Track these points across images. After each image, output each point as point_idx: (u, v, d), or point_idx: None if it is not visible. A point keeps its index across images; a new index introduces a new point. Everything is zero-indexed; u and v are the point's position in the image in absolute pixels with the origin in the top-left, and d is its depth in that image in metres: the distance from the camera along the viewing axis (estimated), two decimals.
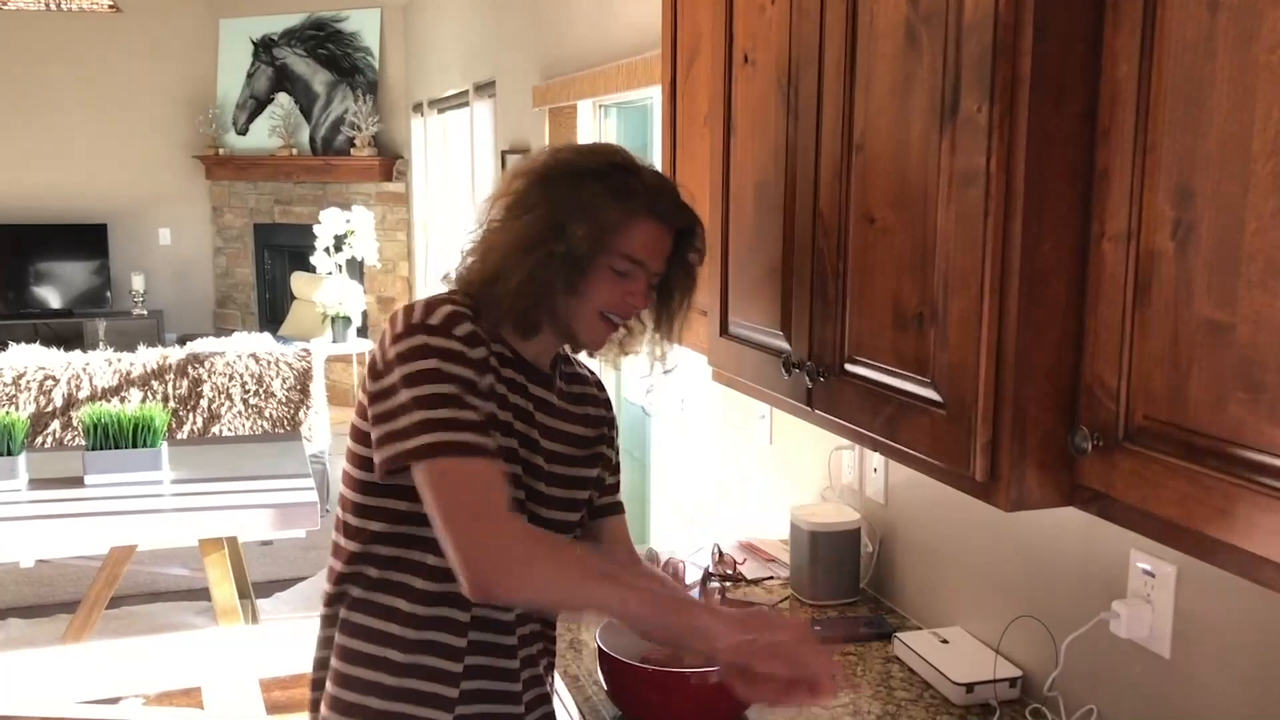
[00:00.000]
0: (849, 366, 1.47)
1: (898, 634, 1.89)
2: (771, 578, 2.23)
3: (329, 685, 1.47)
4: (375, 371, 1.40)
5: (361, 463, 1.43)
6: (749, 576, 2.22)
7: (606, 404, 1.63)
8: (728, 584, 2.17)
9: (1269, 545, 0.91)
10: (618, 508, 1.65)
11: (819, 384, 1.53)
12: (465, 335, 1.37)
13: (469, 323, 1.38)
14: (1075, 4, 1.09)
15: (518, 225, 1.42)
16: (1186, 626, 1.42)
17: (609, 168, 1.44)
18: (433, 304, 1.40)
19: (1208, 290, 0.96)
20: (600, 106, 4.03)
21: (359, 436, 1.43)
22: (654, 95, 3.27)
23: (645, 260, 1.45)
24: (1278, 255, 0.89)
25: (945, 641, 1.84)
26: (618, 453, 1.65)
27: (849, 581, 2.12)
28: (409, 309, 1.40)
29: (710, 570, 2.20)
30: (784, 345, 1.65)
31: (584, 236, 1.39)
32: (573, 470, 1.53)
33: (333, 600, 1.47)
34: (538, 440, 1.47)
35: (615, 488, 1.65)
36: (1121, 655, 1.52)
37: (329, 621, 1.47)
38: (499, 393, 1.41)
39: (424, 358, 1.35)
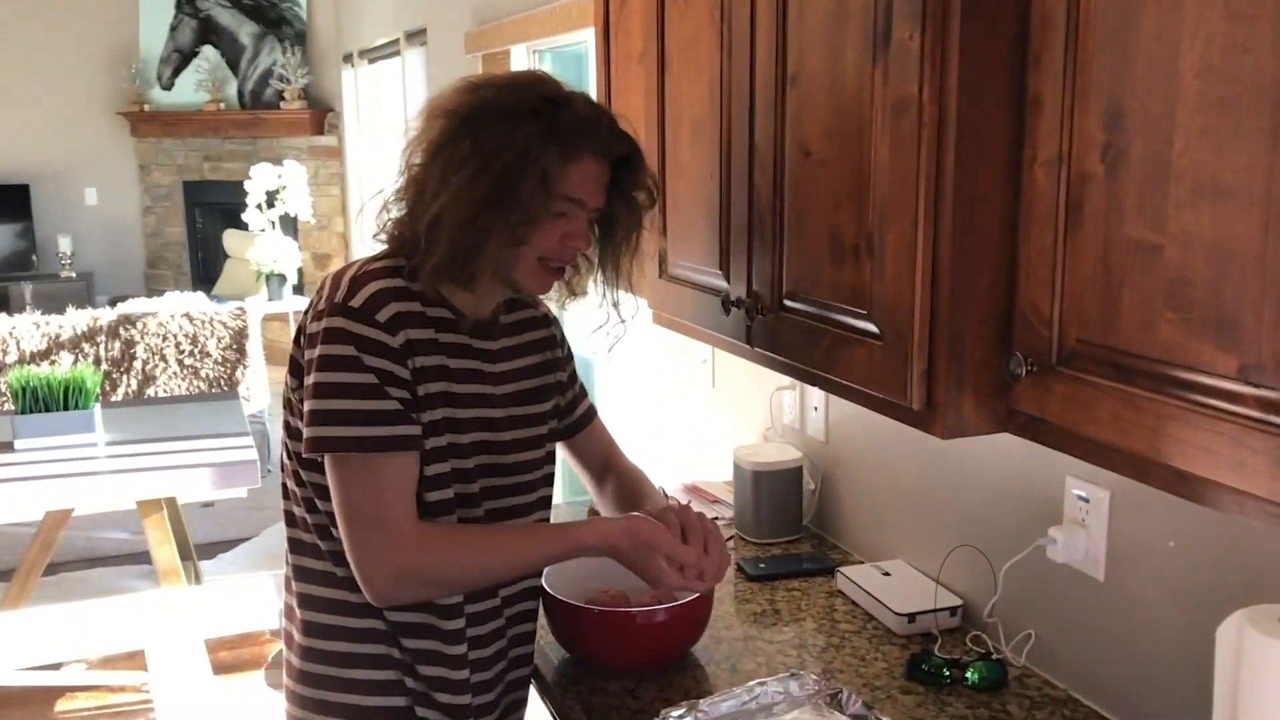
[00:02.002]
0: (788, 302, 1.47)
1: (840, 568, 1.92)
2: (717, 518, 2.24)
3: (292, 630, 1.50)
4: (299, 342, 1.39)
5: (294, 432, 1.41)
6: None
7: (546, 320, 1.59)
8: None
9: (1198, 461, 0.92)
10: (590, 414, 1.67)
11: (758, 321, 1.53)
12: (388, 320, 1.33)
13: (395, 302, 1.34)
14: None
15: (453, 180, 1.33)
16: (1120, 549, 1.46)
17: (538, 103, 1.35)
18: (358, 281, 1.34)
19: (1138, 212, 0.97)
20: (534, 52, 3.97)
21: (289, 405, 1.42)
22: (588, 38, 3.23)
23: (585, 198, 1.38)
24: (1205, 174, 0.90)
25: (887, 574, 1.86)
26: (570, 360, 1.62)
27: (792, 519, 2.14)
28: (336, 281, 1.36)
29: None
30: (722, 284, 1.64)
31: (531, 192, 1.32)
32: (531, 408, 1.52)
33: (290, 552, 1.49)
34: (490, 394, 1.45)
35: (580, 397, 1.65)
36: (1058, 579, 1.55)
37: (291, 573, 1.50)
38: (434, 365, 1.38)
39: (341, 343, 1.32)
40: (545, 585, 1.60)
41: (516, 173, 1.32)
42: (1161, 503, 1.37)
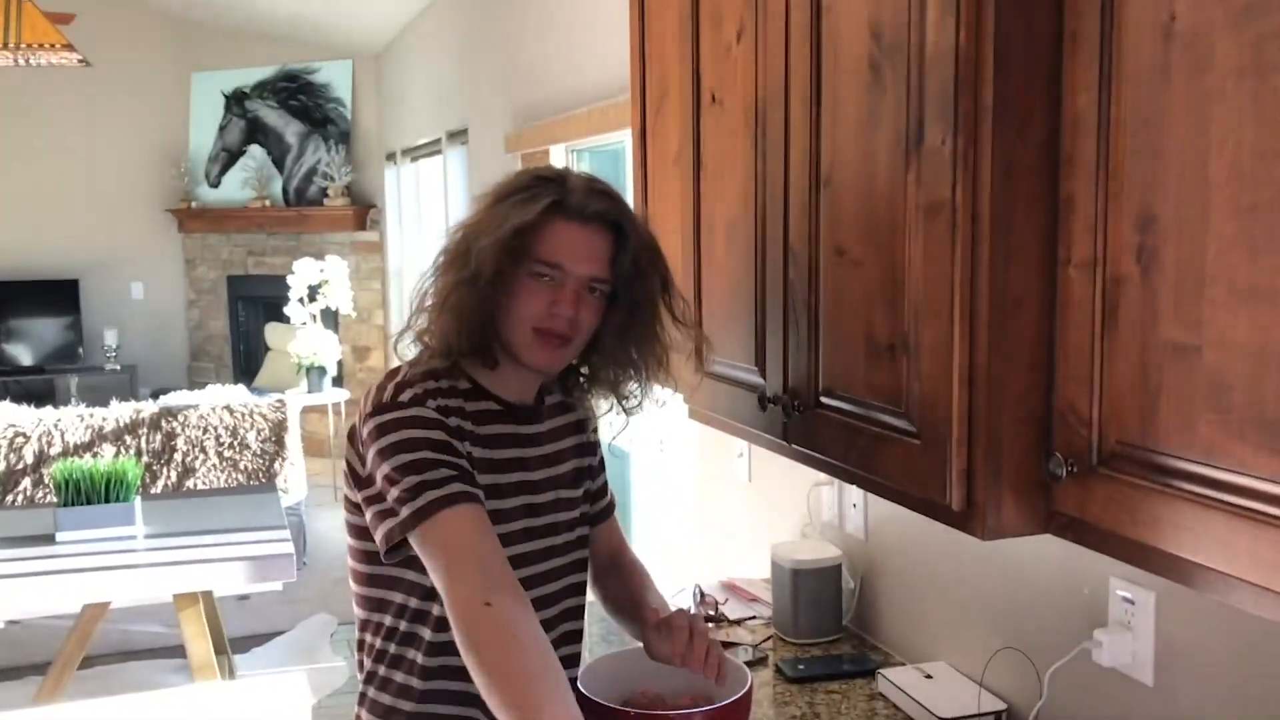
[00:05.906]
0: (824, 399, 1.47)
1: (881, 670, 1.88)
2: (754, 617, 2.21)
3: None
4: (357, 450, 1.41)
5: (357, 532, 1.45)
6: (731, 617, 2.20)
7: (579, 405, 1.60)
8: (710, 625, 2.15)
9: (1242, 565, 0.91)
10: (611, 508, 1.67)
11: (795, 418, 1.53)
12: (435, 408, 1.38)
13: (440, 398, 1.39)
14: (1035, 35, 1.10)
15: (442, 266, 1.42)
16: (1168, 653, 1.42)
17: (532, 182, 1.40)
18: (401, 386, 1.39)
19: (1174, 314, 0.97)
20: (572, 151, 4.05)
21: (350, 507, 1.45)
22: (625, 138, 3.30)
23: (562, 262, 1.38)
24: (1239, 277, 0.90)
25: (929, 676, 1.83)
26: (598, 446, 1.63)
27: (831, 619, 2.10)
28: (381, 387, 1.41)
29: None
30: (759, 380, 1.65)
31: (486, 248, 1.35)
32: (567, 492, 1.54)
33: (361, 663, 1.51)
34: (534, 481, 1.48)
35: (605, 487, 1.66)
36: (1105, 684, 1.52)
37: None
38: (481, 458, 1.41)
39: (396, 430, 1.35)
40: (581, 687, 1.58)
41: (478, 237, 1.38)
42: (1210, 605, 1.34)
